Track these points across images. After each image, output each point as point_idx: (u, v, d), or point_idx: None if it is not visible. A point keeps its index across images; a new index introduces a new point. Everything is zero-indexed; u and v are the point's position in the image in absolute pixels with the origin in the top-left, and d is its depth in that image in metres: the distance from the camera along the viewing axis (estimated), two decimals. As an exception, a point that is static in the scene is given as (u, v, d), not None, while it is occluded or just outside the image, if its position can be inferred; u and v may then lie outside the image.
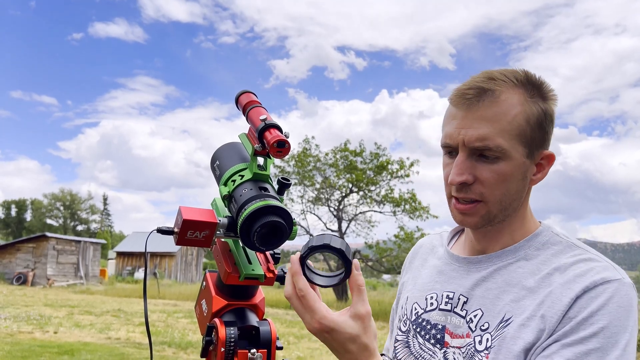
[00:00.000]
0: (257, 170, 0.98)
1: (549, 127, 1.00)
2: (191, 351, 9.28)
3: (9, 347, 8.49)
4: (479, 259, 1.06)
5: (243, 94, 1.06)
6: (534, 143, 0.98)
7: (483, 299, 1.02)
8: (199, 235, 0.94)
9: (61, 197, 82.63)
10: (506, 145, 0.95)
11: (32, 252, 29.85)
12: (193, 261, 44.73)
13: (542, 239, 1.03)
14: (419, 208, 23.07)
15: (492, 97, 0.96)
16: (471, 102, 0.97)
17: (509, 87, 0.97)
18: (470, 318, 1.02)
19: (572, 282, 0.92)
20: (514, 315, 0.96)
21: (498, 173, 0.96)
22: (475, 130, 0.96)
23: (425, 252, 1.24)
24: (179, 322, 13.55)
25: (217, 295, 1.00)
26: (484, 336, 0.98)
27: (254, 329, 0.97)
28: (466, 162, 0.98)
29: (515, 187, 0.99)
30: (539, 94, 0.99)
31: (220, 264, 0.99)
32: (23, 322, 11.92)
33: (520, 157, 0.97)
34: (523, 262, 1.01)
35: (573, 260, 0.96)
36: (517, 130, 0.95)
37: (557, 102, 1.02)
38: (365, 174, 23.14)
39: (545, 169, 1.02)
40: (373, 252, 24.64)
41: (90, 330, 11.15)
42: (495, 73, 1.00)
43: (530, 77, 1.00)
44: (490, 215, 1.00)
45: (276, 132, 0.94)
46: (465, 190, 0.99)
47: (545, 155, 1.01)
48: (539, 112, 0.98)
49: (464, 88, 0.99)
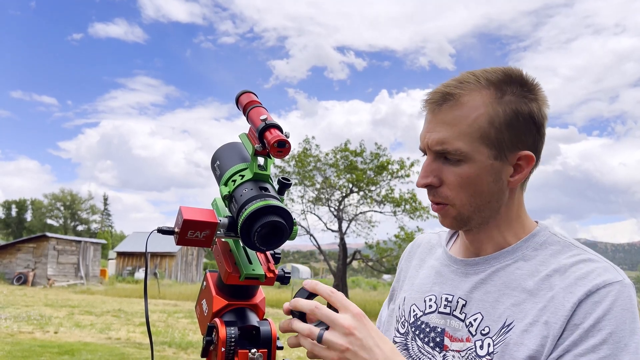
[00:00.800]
0: (258, 170, 0.98)
1: (525, 127, 0.97)
2: (191, 351, 9.29)
3: (10, 347, 8.50)
4: (476, 261, 1.06)
5: (243, 94, 1.06)
6: (502, 144, 0.96)
7: (482, 302, 1.01)
8: (199, 235, 0.94)
9: (61, 197, 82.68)
10: (466, 148, 0.95)
11: (32, 252, 29.86)
12: (193, 261, 44.75)
13: (539, 239, 1.02)
14: (419, 208, 23.07)
15: (453, 101, 0.97)
16: (434, 106, 0.99)
17: (475, 89, 0.97)
18: (469, 322, 1.01)
19: (574, 286, 0.92)
20: (516, 320, 0.95)
21: (461, 176, 0.97)
22: (436, 133, 0.97)
23: (423, 252, 1.23)
24: (180, 322, 13.55)
25: (218, 295, 1.00)
26: (485, 341, 0.97)
27: (254, 329, 0.97)
28: (432, 165, 1.00)
29: (485, 189, 0.98)
30: (515, 93, 0.97)
31: (220, 264, 0.99)
32: (23, 322, 11.92)
33: (485, 159, 0.96)
34: (521, 262, 1.00)
35: (572, 260, 0.96)
36: (479, 133, 0.95)
37: (544, 101, 0.99)
38: (365, 174, 23.14)
39: (524, 170, 0.99)
40: (373, 252, 24.65)
41: (91, 331, 11.15)
42: (466, 75, 1.00)
43: (511, 76, 0.98)
44: (462, 216, 1.01)
45: (277, 132, 0.94)
46: (433, 194, 1.01)
47: (523, 156, 0.98)
48: (509, 112, 0.96)
49: (431, 92, 1.01)
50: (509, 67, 1.01)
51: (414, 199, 23.09)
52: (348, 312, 0.86)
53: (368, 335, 0.84)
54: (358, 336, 0.84)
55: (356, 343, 0.83)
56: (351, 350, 0.83)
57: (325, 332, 0.84)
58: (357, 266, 58.64)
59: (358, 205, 24.41)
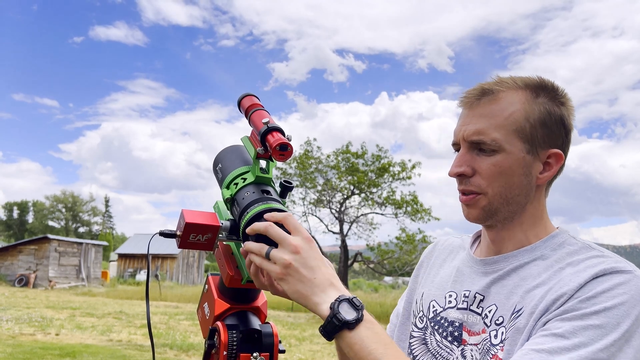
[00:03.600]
0: (260, 174, 0.98)
1: (556, 127, 1.02)
2: (193, 353, 9.28)
3: (11, 349, 8.50)
4: (495, 259, 1.07)
5: (245, 97, 1.06)
6: (535, 140, 1.00)
7: (498, 295, 1.03)
8: (201, 239, 0.94)
9: (63, 199, 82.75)
10: (502, 139, 0.99)
11: (33, 254, 29.88)
12: (194, 263, 44.75)
13: (558, 240, 1.04)
14: (420, 210, 23.07)
15: (492, 96, 1.02)
16: (472, 101, 1.03)
17: (513, 88, 1.02)
18: (485, 314, 1.03)
19: (582, 272, 0.92)
20: (525, 305, 0.96)
21: (496, 165, 1.00)
22: (473, 125, 1.01)
23: (444, 253, 1.25)
24: (181, 324, 13.55)
25: (220, 298, 1.00)
26: (499, 330, 0.99)
27: (256, 333, 0.97)
28: (466, 155, 1.03)
29: (517, 181, 1.01)
30: (549, 96, 1.03)
31: (222, 267, 0.99)
32: (25, 324, 11.93)
33: (518, 152, 1.00)
34: (539, 261, 1.02)
35: (586, 256, 0.97)
36: (515, 126, 0.99)
37: (572, 111, 1.05)
38: (367, 176, 23.14)
39: (553, 168, 1.03)
40: (374, 254, 24.63)
41: (92, 332, 11.15)
42: (503, 77, 1.05)
43: (544, 82, 1.04)
44: (491, 207, 1.03)
45: (279, 135, 0.94)
46: (465, 183, 1.03)
47: (553, 154, 1.02)
48: (543, 111, 1.01)
49: (469, 90, 1.05)
50: (540, 76, 1.06)
51: (416, 201, 23.07)
52: (299, 234, 0.89)
53: (312, 257, 0.88)
54: (303, 255, 0.87)
55: (300, 261, 0.87)
56: (294, 266, 0.86)
57: (273, 249, 0.88)
58: (358, 268, 58.54)
59: (359, 207, 24.42)
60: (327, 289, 0.87)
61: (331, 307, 0.85)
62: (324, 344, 11.35)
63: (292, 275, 0.87)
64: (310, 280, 0.87)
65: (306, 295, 0.87)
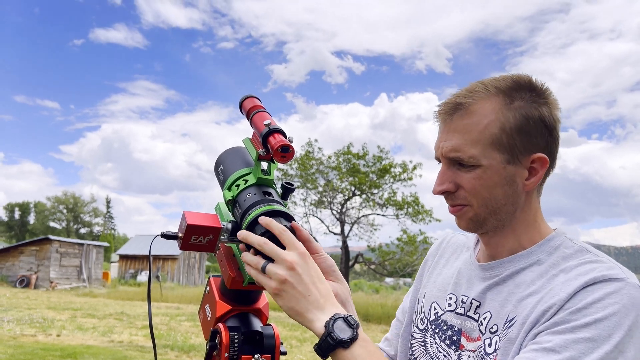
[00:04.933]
0: (261, 175, 0.98)
1: (536, 130, 0.99)
2: (194, 354, 9.28)
3: (12, 350, 8.50)
4: (492, 265, 1.07)
5: (247, 99, 1.06)
6: (514, 149, 0.98)
7: (493, 302, 1.03)
8: (202, 240, 0.94)
9: (64, 200, 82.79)
10: (479, 154, 0.98)
11: (35, 255, 29.90)
12: (196, 264, 44.75)
13: (554, 243, 1.03)
14: (421, 211, 23.05)
15: (464, 110, 1.00)
16: (446, 116, 1.03)
17: (485, 97, 1.00)
18: (480, 321, 1.03)
19: (573, 280, 0.91)
20: (517, 315, 0.96)
21: (477, 179, 1.00)
22: (449, 142, 1.01)
23: (449, 251, 1.25)
24: (182, 325, 13.55)
25: (221, 300, 1.00)
26: (493, 339, 0.99)
27: (257, 334, 0.97)
28: (447, 172, 1.03)
29: (500, 192, 1.00)
30: (525, 99, 0.99)
31: (224, 268, 0.99)
32: (26, 325, 11.93)
33: (498, 164, 0.98)
34: (535, 267, 1.01)
35: (579, 262, 0.96)
36: (491, 139, 0.98)
37: (555, 105, 1.02)
38: (368, 177, 23.13)
39: (539, 173, 1.01)
40: (376, 255, 24.61)
41: (93, 333, 11.15)
42: (476, 85, 1.03)
43: (519, 82, 1.01)
44: (478, 218, 1.02)
45: (280, 137, 0.94)
46: (452, 198, 1.04)
47: (537, 158, 1.00)
48: (519, 117, 0.98)
49: (442, 103, 1.05)
50: (517, 74, 1.03)
51: (417, 202, 23.05)
52: (294, 250, 0.90)
53: (307, 273, 0.89)
54: (298, 271, 0.88)
55: (295, 277, 0.88)
56: (289, 282, 0.88)
57: (269, 264, 0.89)
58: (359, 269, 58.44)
59: (360, 208, 24.41)
60: (322, 306, 0.89)
61: (326, 326, 0.86)
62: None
63: (287, 291, 0.88)
64: (305, 297, 0.88)
65: (301, 313, 0.88)
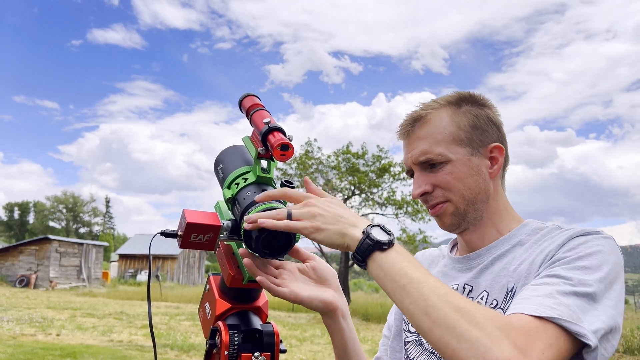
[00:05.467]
0: (261, 173, 0.98)
1: (487, 125, 1.12)
2: (193, 354, 9.28)
3: (12, 350, 8.50)
4: (478, 253, 1.14)
5: (246, 97, 1.06)
6: (473, 142, 1.11)
7: (485, 282, 1.08)
8: (202, 238, 0.94)
9: (64, 199, 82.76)
10: (445, 151, 1.09)
11: (34, 255, 29.91)
12: (195, 264, 44.76)
13: (531, 226, 1.11)
14: (421, 210, 23.05)
15: (422, 120, 1.12)
16: (408, 129, 1.14)
17: (437, 107, 1.13)
18: (477, 302, 1.06)
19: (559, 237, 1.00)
20: (515, 282, 1.02)
21: (449, 174, 1.09)
22: (417, 149, 1.11)
23: (424, 264, 1.29)
24: (181, 325, 13.55)
25: (221, 298, 1.00)
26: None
27: (257, 332, 0.97)
28: (421, 176, 1.12)
29: (472, 182, 1.10)
30: (470, 103, 1.14)
31: (223, 267, 0.99)
32: (26, 324, 11.93)
33: (463, 157, 1.09)
34: (518, 247, 1.08)
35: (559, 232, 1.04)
36: (451, 137, 1.10)
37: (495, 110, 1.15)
38: (367, 176, 23.14)
39: (499, 160, 1.13)
40: (375, 255, 24.58)
41: (93, 333, 11.15)
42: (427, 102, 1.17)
43: (462, 94, 1.16)
44: (459, 211, 1.11)
45: (280, 135, 0.94)
46: (430, 199, 1.12)
47: (493, 148, 1.12)
48: (470, 117, 1.12)
49: (401, 122, 1.16)
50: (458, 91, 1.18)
51: (416, 201, 23.06)
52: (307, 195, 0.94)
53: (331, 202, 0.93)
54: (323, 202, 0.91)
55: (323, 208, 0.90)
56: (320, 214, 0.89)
57: (293, 207, 0.91)
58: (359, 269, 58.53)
59: (360, 207, 24.40)
60: (357, 223, 0.90)
61: (364, 231, 0.88)
62: (324, 344, 11.35)
63: (322, 222, 0.89)
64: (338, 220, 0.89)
65: (343, 233, 0.89)
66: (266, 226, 0.88)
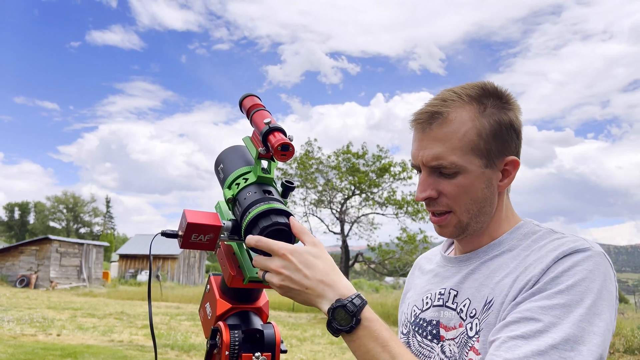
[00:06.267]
0: (261, 174, 0.98)
1: (508, 135, 1.05)
2: (194, 354, 9.28)
3: (12, 350, 8.50)
4: (468, 256, 1.12)
5: (247, 97, 1.06)
6: (491, 153, 1.04)
7: (470, 289, 1.07)
8: (203, 239, 0.94)
9: (64, 199, 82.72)
10: (460, 161, 1.02)
11: (35, 255, 29.90)
12: (196, 264, 44.74)
13: (523, 230, 1.08)
14: (421, 210, 23.03)
15: (442, 119, 1.04)
16: (424, 125, 1.06)
17: (459, 105, 1.05)
18: (460, 309, 1.07)
19: (545, 257, 0.97)
20: (495, 296, 1.00)
21: (458, 186, 1.04)
22: (430, 150, 1.04)
23: (424, 263, 1.31)
24: (182, 325, 13.55)
25: (221, 298, 1.00)
26: (473, 322, 1.02)
27: (258, 333, 0.97)
28: (428, 179, 1.06)
29: (480, 195, 1.05)
30: (495, 105, 1.05)
31: (224, 267, 0.99)
32: (26, 324, 11.93)
33: (477, 168, 1.03)
34: (508, 253, 1.06)
35: (548, 240, 1.02)
36: (470, 146, 1.02)
37: (519, 109, 1.08)
38: (367, 176, 23.13)
39: (511, 174, 1.07)
40: (375, 255, 24.61)
41: (93, 333, 11.15)
42: (448, 93, 1.07)
43: (487, 90, 1.06)
44: (462, 224, 1.07)
45: (280, 136, 0.94)
46: (434, 204, 1.07)
47: (509, 161, 1.06)
48: (493, 124, 1.04)
49: (418, 112, 1.08)
50: (483, 81, 1.09)
51: (416, 201, 23.01)
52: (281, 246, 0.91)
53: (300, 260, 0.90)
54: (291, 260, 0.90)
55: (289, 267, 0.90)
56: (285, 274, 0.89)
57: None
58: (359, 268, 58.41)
59: (360, 207, 24.41)
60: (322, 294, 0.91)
61: (329, 311, 0.89)
62: (325, 344, 11.35)
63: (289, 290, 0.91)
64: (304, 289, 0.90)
65: (310, 303, 0.92)
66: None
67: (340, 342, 11.96)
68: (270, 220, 0.91)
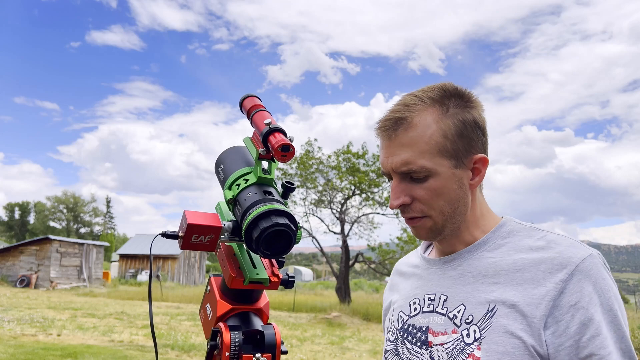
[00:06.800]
0: (262, 174, 0.98)
1: (473, 133, 1.06)
2: (194, 354, 9.28)
3: (13, 350, 8.51)
4: (453, 257, 1.12)
5: (247, 98, 1.06)
6: (458, 153, 1.05)
7: (463, 294, 1.06)
8: (203, 240, 0.94)
9: (64, 199, 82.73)
10: (429, 164, 1.03)
11: (35, 255, 29.90)
12: (196, 264, 44.75)
13: (506, 228, 1.10)
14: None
15: (406, 124, 1.05)
16: (389, 132, 1.07)
17: (422, 109, 1.05)
18: (453, 314, 1.06)
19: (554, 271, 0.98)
20: (497, 303, 1.00)
21: (431, 190, 1.04)
22: (398, 156, 1.05)
23: (405, 268, 1.30)
24: (182, 325, 13.55)
25: (222, 299, 1.00)
26: (470, 329, 1.01)
27: (258, 334, 0.97)
28: (400, 185, 1.07)
29: (453, 196, 1.06)
30: (457, 105, 1.06)
31: (224, 268, 0.99)
32: (26, 324, 11.93)
33: (447, 170, 1.04)
34: (494, 252, 1.07)
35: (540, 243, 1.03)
36: (437, 148, 1.03)
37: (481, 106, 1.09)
38: (367, 176, 23.13)
39: (481, 172, 1.09)
40: (376, 255, 24.61)
41: (94, 333, 11.16)
42: (410, 98, 1.08)
43: (448, 91, 1.07)
44: (437, 226, 1.08)
45: (281, 136, 0.94)
46: (408, 211, 1.08)
47: (478, 159, 1.07)
48: (457, 123, 1.05)
49: (382, 120, 1.09)
50: (442, 83, 1.10)
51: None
52: None
53: None
54: None
55: None
56: None
57: None
58: (359, 268, 58.49)
59: (360, 207, 24.39)
60: None
61: None
62: (325, 345, 11.35)
63: None
64: None
65: None
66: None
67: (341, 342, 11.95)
68: (270, 221, 0.90)
